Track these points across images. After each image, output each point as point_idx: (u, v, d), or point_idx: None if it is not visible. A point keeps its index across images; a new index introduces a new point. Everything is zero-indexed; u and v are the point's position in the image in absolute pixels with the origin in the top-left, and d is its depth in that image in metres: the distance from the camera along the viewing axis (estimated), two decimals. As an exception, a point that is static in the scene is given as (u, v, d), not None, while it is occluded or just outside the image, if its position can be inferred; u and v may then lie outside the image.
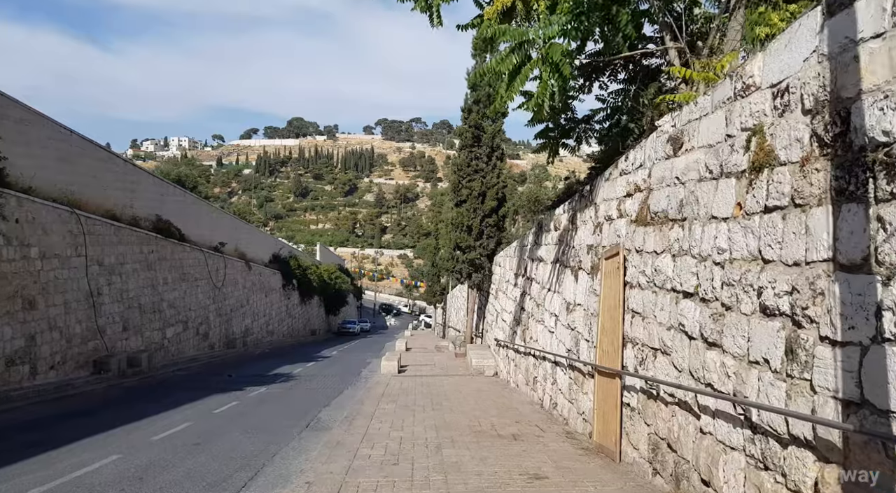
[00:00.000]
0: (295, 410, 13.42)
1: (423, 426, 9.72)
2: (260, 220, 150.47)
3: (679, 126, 6.22)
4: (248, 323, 32.77)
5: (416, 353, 28.02)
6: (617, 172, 8.14)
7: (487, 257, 21.90)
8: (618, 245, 7.65)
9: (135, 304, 19.96)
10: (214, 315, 27.59)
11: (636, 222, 7.14)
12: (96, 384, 16.53)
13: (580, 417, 8.92)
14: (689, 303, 5.59)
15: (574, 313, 9.73)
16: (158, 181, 24.37)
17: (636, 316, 6.91)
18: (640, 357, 6.69)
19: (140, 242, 20.70)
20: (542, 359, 11.82)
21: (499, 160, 21.85)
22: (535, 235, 13.81)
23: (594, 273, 8.78)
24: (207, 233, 28.90)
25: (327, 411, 13.09)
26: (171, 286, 22.93)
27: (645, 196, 6.96)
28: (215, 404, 14.08)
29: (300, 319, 46.44)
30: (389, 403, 12.45)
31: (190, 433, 10.59)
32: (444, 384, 15.92)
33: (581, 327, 9.27)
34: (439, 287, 53.45)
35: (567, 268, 10.54)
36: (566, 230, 10.87)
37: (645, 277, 6.72)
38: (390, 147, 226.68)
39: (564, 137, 11.69)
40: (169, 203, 24.60)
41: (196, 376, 19.96)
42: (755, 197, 4.62)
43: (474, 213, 21.61)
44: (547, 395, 11.27)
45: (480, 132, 21.41)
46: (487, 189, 21.50)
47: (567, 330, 10.12)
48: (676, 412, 5.71)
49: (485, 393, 14.10)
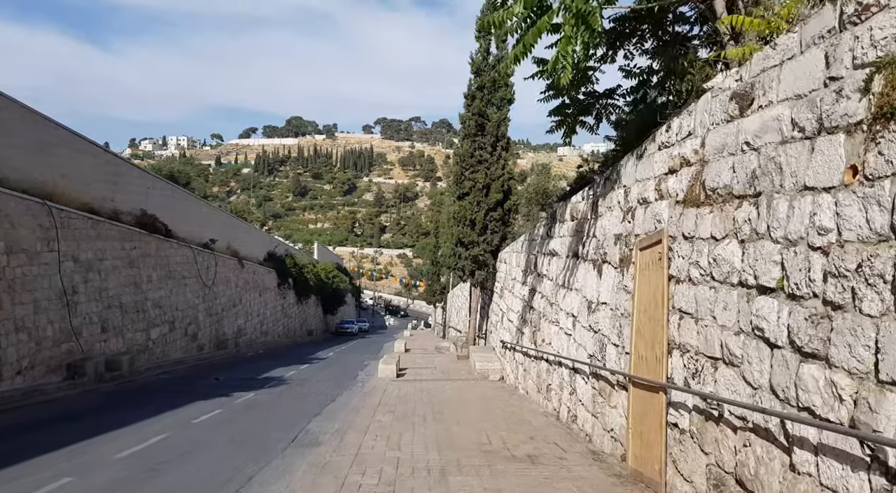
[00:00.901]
0: (283, 419, 12.18)
1: (423, 444, 8.46)
2: (259, 219, 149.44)
3: (748, 79, 4.95)
4: (240, 323, 31.48)
5: (415, 354, 26.76)
6: (654, 147, 6.88)
7: (492, 254, 20.57)
8: (658, 232, 6.39)
9: (115, 303, 18.68)
10: (204, 315, 26.30)
11: (684, 204, 5.88)
12: (70, 390, 15.26)
13: (607, 434, 7.66)
14: (770, 301, 4.33)
15: (598, 314, 8.47)
16: (143, 174, 23.09)
17: (686, 317, 5.65)
18: (694, 368, 5.43)
19: (121, 238, 19.42)
20: (558, 365, 10.56)
21: (504, 150, 20.48)
22: (547, 227, 12.55)
23: (624, 267, 7.52)
24: (197, 229, 27.61)
25: (318, 421, 11.83)
26: (156, 284, 21.65)
27: (696, 171, 5.70)
28: (197, 413, 12.83)
29: (296, 319, 45.16)
30: (386, 413, 11.18)
31: (161, 449, 9.34)
32: (446, 390, 14.66)
33: (607, 330, 8.00)
34: (439, 286, 52.16)
35: (587, 262, 9.28)
36: (585, 220, 9.61)
37: (698, 269, 5.46)
38: (389, 146, 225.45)
39: (583, 114, 10.41)
40: (155, 197, 23.31)
41: (181, 380, 18.71)
42: (882, 155, 3.35)
43: (478, 206, 20.24)
44: (564, 406, 10.00)
45: (485, 120, 20.06)
46: (492, 181, 20.14)
47: (589, 333, 8.85)
48: (751, 440, 4.44)
49: (491, 401, 12.83)
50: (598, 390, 8.19)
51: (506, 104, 20.15)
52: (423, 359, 24.33)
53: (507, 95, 20.04)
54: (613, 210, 8.19)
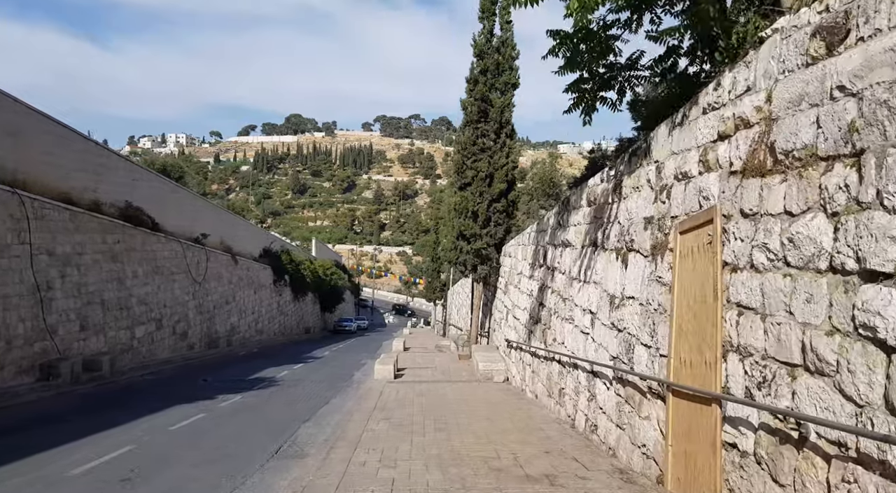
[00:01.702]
0: (269, 426, 11.13)
1: (422, 459, 7.38)
2: (257, 217, 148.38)
3: (839, 7, 3.86)
4: (233, 321, 30.41)
5: (414, 354, 25.68)
6: (696, 112, 5.80)
7: (495, 247, 19.39)
8: (707, 211, 5.30)
9: (96, 299, 17.60)
10: (194, 313, 25.22)
11: (743, 174, 4.79)
12: (42, 392, 14.20)
13: (637, 450, 6.58)
14: (886, 291, 3.24)
15: (623, 309, 7.38)
16: (129, 165, 21.99)
17: (747, 313, 4.57)
18: (760, 376, 4.35)
19: (103, 231, 18.33)
20: (573, 367, 9.47)
21: (508, 137, 19.25)
22: (559, 216, 11.46)
23: (657, 254, 6.44)
24: (188, 224, 26.53)
25: (307, 428, 10.77)
26: (141, 280, 20.57)
27: (760, 132, 4.61)
28: (176, 418, 11.78)
29: (293, 316, 44.08)
30: (381, 420, 10.10)
31: (125, 463, 8.27)
32: (447, 393, 13.58)
33: (636, 328, 6.92)
34: (439, 283, 51.03)
35: (608, 251, 8.19)
36: (605, 204, 8.52)
37: (766, 252, 4.38)
38: (389, 144, 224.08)
39: (603, 88, 9.29)
40: (142, 189, 22.21)
41: (166, 382, 17.65)
42: None
43: (480, 197, 19.04)
44: (580, 413, 8.91)
45: (488, 106, 18.86)
46: (495, 170, 18.93)
47: (611, 331, 7.77)
48: (858, 475, 3.36)
49: (498, 406, 11.75)
50: (624, 397, 7.11)
51: (510, 89, 18.96)
52: (422, 358, 23.25)
53: (511, 78, 18.86)
54: (642, 190, 7.10)
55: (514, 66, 18.99)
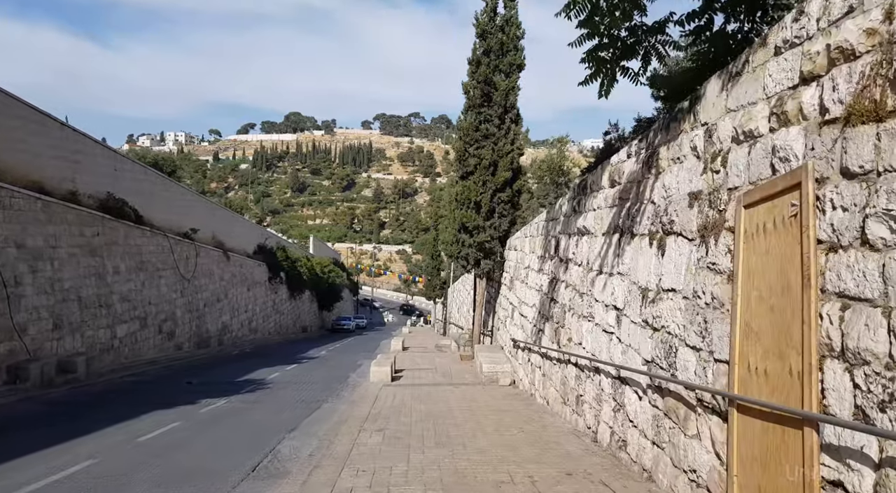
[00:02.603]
0: (250, 436, 9.97)
1: (421, 482, 6.19)
2: (256, 215, 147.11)
3: None
4: (225, 320, 29.22)
5: (413, 354, 24.51)
6: (764, 54, 4.61)
7: (499, 240, 18.17)
8: (789, 175, 4.11)
9: (72, 296, 16.41)
10: (183, 311, 24.03)
11: (847, 121, 3.60)
12: (8, 397, 13.02)
13: (683, 475, 5.39)
14: None
15: (660, 304, 6.19)
16: (111, 154, 20.76)
17: (857, 306, 3.39)
18: (881, 393, 3.16)
19: (80, 223, 17.14)
20: (594, 371, 8.29)
21: (513, 123, 17.93)
22: (574, 202, 10.27)
23: (709, 236, 5.25)
24: (177, 218, 25.35)
25: (291, 439, 9.61)
26: (124, 276, 19.38)
27: (875, 62, 3.42)
28: (150, 426, 10.63)
29: (289, 315, 42.90)
30: (375, 432, 8.92)
31: (75, 484, 7.10)
32: (449, 399, 12.40)
33: (678, 326, 5.73)
34: (439, 281, 49.87)
35: (638, 237, 7.01)
36: (634, 183, 7.34)
37: (889, 223, 3.19)
38: (389, 142, 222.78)
39: (625, 57, 8.07)
40: (125, 180, 21.04)
41: (148, 384, 16.47)
42: None
43: (483, 186, 17.73)
44: (604, 425, 7.73)
45: (491, 89, 17.57)
46: (500, 158, 17.60)
47: (644, 331, 6.58)
48: None
49: (506, 414, 10.56)
50: (663, 410, 5.92)
51: (515, 71, 17.67)
52: (422, 359, 22.08)
53: (516, 59, 17.58)
54: (684, 161, 5.91)
55: (518, 46, 17.73)
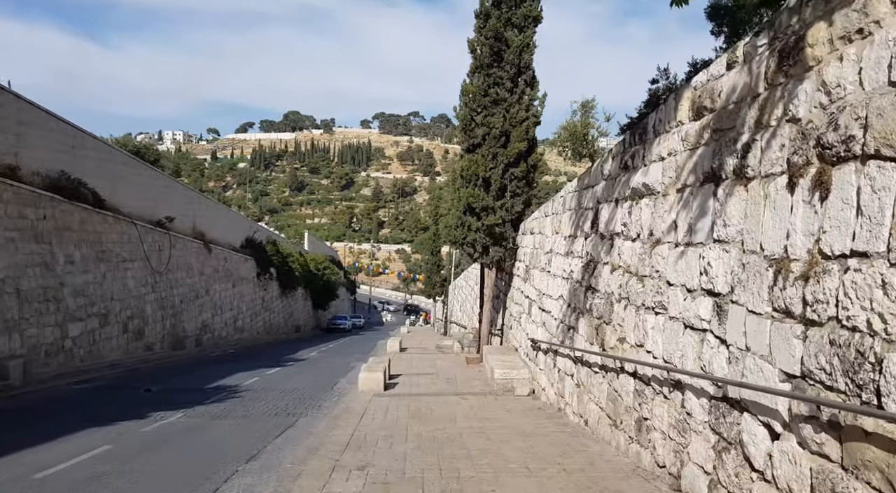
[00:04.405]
0: (193, 469, 7.46)
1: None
2: (255, 214, 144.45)
3: None
4: (206, 318, 26.67)
5: (412, 355, 21.96)
6: None
7: (512, 224, 15.58)
8: None
9: (8, 288, 13.87)
10: (155, 307, 21.49)
11: None
12: None
13: None
14: None
15: (827, 280, 3.67)
16: (68, 129, 18.19)
17: None
18: None
19: (20, 202, 14.60)
20: (672, 386, 5.74)
21: (528, 86, 15.11)
22: (624, 156, 7.74)
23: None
24: (150, 205, 22.86)
25: (245, 475, 7.10)
26: (79, 267, 16.84)
27: None
28: (65, 454, 8.17)
29: (280, 313, 40.33)
30: (355, 471, 6.37)
31: None
32: (455, 415, 9.85)
33: (879, 316, 3.20)
34: (439, 278, 47.27)
35: (758, 181, 4.48)
36: (746, 100, 4.81)
37: None
38: (388, 141, 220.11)
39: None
40: (85, 160, 18.51)
41: (98, 392, 13.96)
42: None
43: (493, 160, 15.01)
44: (694, 467, 5.18)
45: (502, 46, 14.88)
46: (512, 126, 14.89)
47: (783, 324, 4.05)
48: None
49: (534, 440, 8.01)
50: (844, 461, 3.39)
51: (531, 24, 14.95)
52: (421, 362, 19.54)
53: (532, 11, 14.89)
54: (875, 37, 3.38)
55: (534, -10, 15.10)
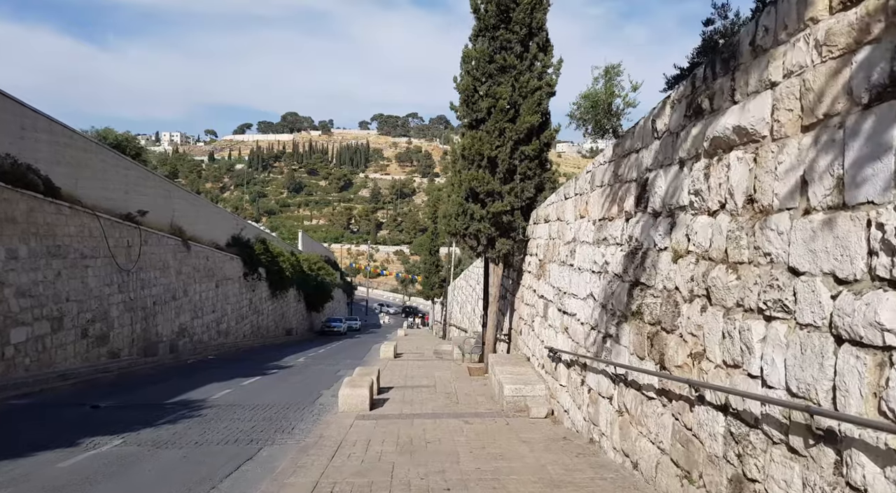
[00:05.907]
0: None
1: None
2: (252, 215, 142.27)
3: None
4: (184, 321, 24.49)
5: (407, 363, 19.80)
6: None
7: (522, 212, 13.37)
8: None
9: (-73, 287, 11.74)
10: (121, 310, 19.32)
11: None
12: None
13: None
14: None
15: None
16: (16, 108, 16.02)
17: None
18: None
19: (-54, 186, 12.48)
20: (815, 438, 3.60)
21: (541, 51, 12.83)
22: (696, 99, 5.60)
23: None
24: (121, 196, 20.76)
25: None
26: (25, 263, 14.69)
27: None
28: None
29: (270, 316, 38.15)
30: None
31: None
32: (457, 448, 7.68)
33: None
34: (437, 278, 45.11)
35: None
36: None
37: None
38: (386, 142, 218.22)
39: None
40: (38, 143, 16.39)
41: (34, 410, 11.84)
42: None
43: (500, 137, 12.58)
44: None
45: (510, 3, 12.54)
46: (522, 98, 12.58)
47: None
48: None
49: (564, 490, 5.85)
50: None
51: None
52: (417, 370, 17.39)
53: (544, -40, 12.79)
54: None
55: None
